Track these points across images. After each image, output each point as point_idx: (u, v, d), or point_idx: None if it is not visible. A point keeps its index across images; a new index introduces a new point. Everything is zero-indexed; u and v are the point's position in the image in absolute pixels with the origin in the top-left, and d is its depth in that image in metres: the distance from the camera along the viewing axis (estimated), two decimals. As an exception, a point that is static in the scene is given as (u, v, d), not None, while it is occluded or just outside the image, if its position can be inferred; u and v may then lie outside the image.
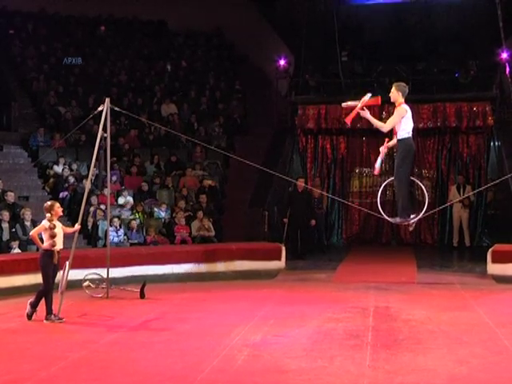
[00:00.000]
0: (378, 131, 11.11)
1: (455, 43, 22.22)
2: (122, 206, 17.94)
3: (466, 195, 18.78)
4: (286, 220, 17.86)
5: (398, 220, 10.96)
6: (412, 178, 11.23)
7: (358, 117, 10.74)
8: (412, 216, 10.88)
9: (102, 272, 13.07)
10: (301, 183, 17.75)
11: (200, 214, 17.57)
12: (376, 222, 20.57)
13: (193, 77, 24.82)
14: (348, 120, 10.58)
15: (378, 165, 10.84)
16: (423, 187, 12.60)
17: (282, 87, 22.86)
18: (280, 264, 15.87)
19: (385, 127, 10.64)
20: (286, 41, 24.22)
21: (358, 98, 10.62)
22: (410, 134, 10.71)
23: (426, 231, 21.17)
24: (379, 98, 10.57)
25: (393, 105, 10.93)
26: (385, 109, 18.30)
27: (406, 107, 10.67)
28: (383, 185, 12.17)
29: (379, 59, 21.86)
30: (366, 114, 10.46)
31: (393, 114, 10.76)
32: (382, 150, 10.75)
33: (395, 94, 10.68)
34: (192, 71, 25.16)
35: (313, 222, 18.18)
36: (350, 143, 21.71)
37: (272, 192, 19.53)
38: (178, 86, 24.39)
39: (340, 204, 20.89)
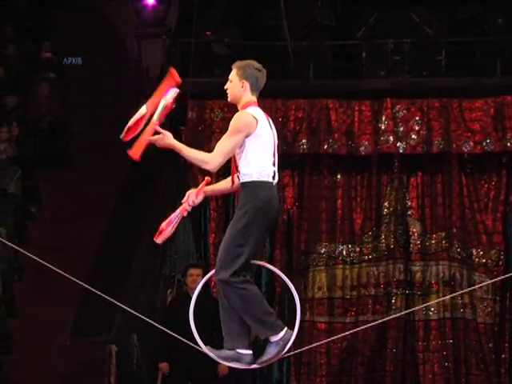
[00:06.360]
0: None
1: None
2: None
3: None
4: (164, 366, 10.88)
5: (222, 354, 6.34)
6: (259, 263, 6.65)
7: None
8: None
9: None
10: (194, 280, 10.88)
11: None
12: (382, 364, 11.78)
13: None
14: (136, 155, 6.10)
15: (167, 231, 6.49)
16: (287, 281, 6.60)
17: (149, 57, 13.80)
18: None
19: (211, 161, 6.27)
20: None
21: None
22: (269, 176, 6.12)
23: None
24: (173, 78, 6.08)
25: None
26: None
27: (257, 113, 6.22)
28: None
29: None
30: (168, 138, 6.10)
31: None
32: (193, 194, 6.41)
33: (235, 85, 6.33)
34: None
35: (223, 368, 10.65)
36: (310, 189, 12.11)
37: (128, 302, 11.11)
38: None
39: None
